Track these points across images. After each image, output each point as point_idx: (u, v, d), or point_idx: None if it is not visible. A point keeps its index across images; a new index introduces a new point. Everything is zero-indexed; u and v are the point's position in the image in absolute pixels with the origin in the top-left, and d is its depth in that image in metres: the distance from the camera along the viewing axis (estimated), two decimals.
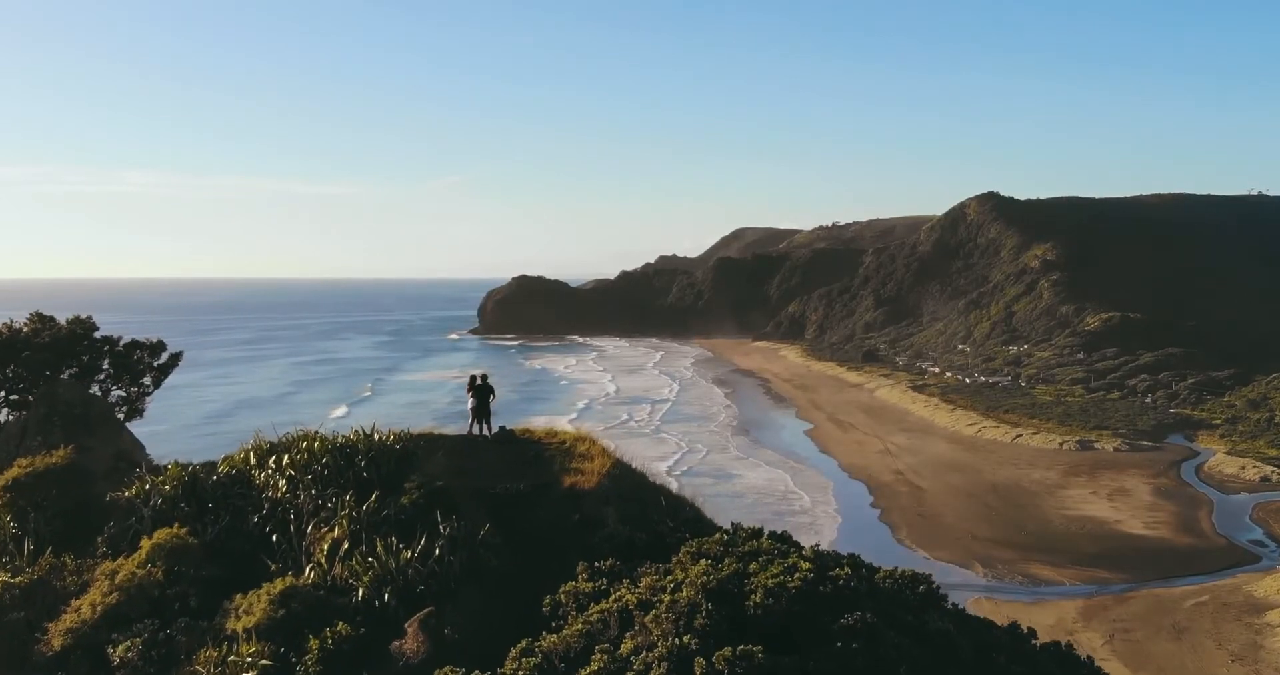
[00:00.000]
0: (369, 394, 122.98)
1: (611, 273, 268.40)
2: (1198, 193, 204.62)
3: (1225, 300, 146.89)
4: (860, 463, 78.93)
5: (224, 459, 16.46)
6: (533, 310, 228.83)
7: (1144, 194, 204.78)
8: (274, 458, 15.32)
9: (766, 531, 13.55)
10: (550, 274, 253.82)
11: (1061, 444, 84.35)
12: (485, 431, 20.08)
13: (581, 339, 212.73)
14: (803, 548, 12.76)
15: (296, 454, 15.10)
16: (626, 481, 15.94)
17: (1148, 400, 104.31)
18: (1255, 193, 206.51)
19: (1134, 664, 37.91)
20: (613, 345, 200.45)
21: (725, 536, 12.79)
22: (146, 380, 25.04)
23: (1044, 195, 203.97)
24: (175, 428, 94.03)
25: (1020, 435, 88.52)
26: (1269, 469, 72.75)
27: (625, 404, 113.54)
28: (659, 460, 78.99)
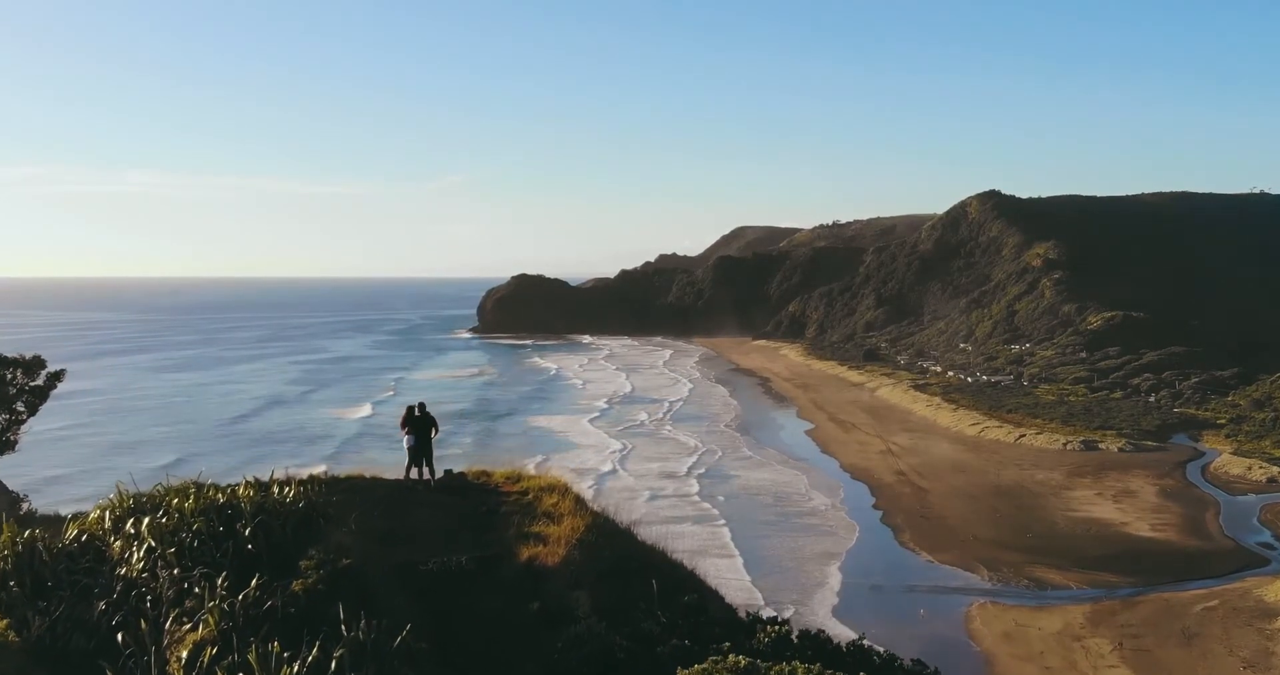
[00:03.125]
0: (392, 393, 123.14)
1: (611, 271, 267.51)
2: (1199, 191, 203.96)
3: (1228, 299, 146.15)
4: (862, 464, 78.17)
5: (72, 518, 12.81)
6: (533, 309, 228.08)
7: (1146, 192, 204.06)
8: (133, 521, 11.47)
9: (796, 631, 10.55)
10: (550, 273, 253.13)
11: (1065, 444, 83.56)
12: (428, 476, 16.20)
13: (587, 339, 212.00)
14: (852, 665, 9.94)
15: (162, 516, 11.30)
16: (606, 550, 12.12)
17: (1151, 400, 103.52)
18: (1257, 191, 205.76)
19: (1144, 672, 37.13)
20: (620, 344, 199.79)
21: (744, 662, 9.22)
22: (20, 406, 20.05)
23: (1045, 193, 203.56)
24: (204, 427, 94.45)
25: (1023, 435, 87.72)
26: (1276, 469, 71.94)
27: (642, 403, 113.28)
28: (677, 459, 79.44)
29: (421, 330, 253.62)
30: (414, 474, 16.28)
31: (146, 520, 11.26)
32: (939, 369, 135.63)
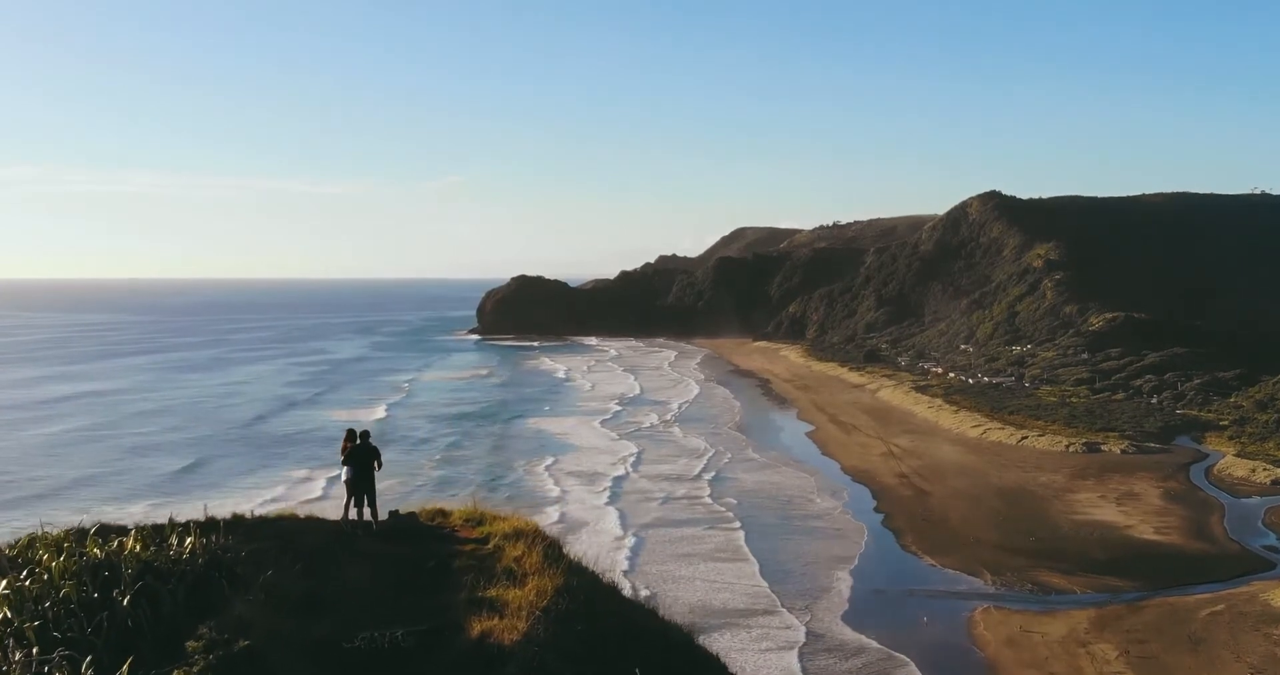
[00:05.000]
0: (405, 394, 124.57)
1: (611, 272, 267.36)
2: (1200, 191, 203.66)
3: (1230, 299, 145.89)
4: (864, 466, 77.73)
5: None
6: (532, 310, 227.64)
7: (1147, 193, 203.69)
8: None
9: None
10: (549, 273, 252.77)
11: (1068, 446, 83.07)
12: (370, 517, 13.75)
13: (593, 340, 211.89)
14: None
15: (26, 578, 8.95)
16: (580, 621, 9.71)
17: (1153, 401, 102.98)
18: (1258, 191, 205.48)
19: None
20: (625, 346, 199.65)
21: None
22: None
23: (1046, 194, 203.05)
24: (219, 430, 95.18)
25: (1026, 437, 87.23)
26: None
27: (650, 405, 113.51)
28: (688, 461, 79.56)
29: (422, 331, 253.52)
30: (353, 514, 13.79)
31: (3, 583, 8.86)
32: (940, 370, 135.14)
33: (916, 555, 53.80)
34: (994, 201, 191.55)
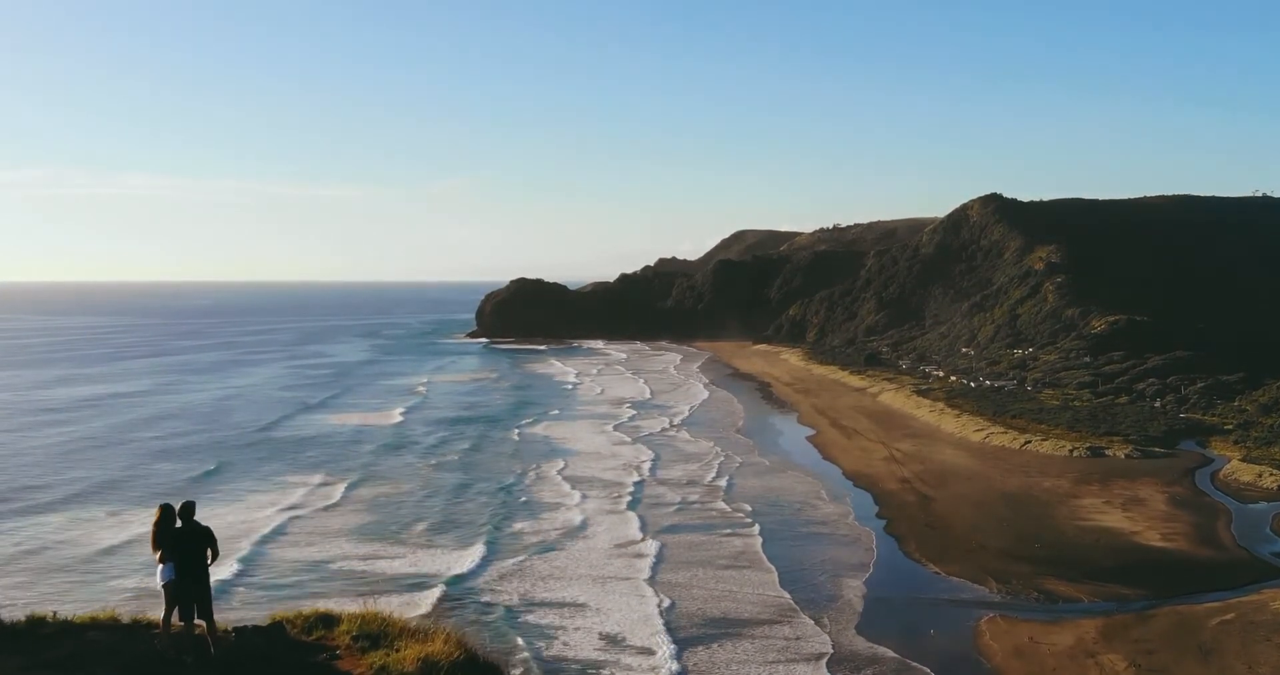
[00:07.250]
0: (421, 396, 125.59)
1: (611, 275, 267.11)
2: (1201, 194, 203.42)
3: (1232, 302, 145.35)
4: (866, 471, 77.24)
5: None
6: (532, 313, 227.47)
7: (1148, 195, 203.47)
8: None
9: None
10: (549, 276, 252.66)
11: (1072, 451, 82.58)
12: (206, 632, 9.55)
13: (599, 343, 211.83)
14: None
15: None
16: None
17: (1157, 405, 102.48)
18: (1259, 193, 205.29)
19: None
20: (630, 349, 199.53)
21: None
22: None
23: (1047, 196, 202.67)
24: (235, 434, 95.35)
25: (1029, 442, 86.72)
26: None
27: (660, 409, 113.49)
28: (700, 466, 79.51)
29: (425, 335, 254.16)
30: (178, 622, 9.50)
31: None
32: (941, 373, 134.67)
33: (920, 563, 53.23)
34: (995, 204, 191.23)
